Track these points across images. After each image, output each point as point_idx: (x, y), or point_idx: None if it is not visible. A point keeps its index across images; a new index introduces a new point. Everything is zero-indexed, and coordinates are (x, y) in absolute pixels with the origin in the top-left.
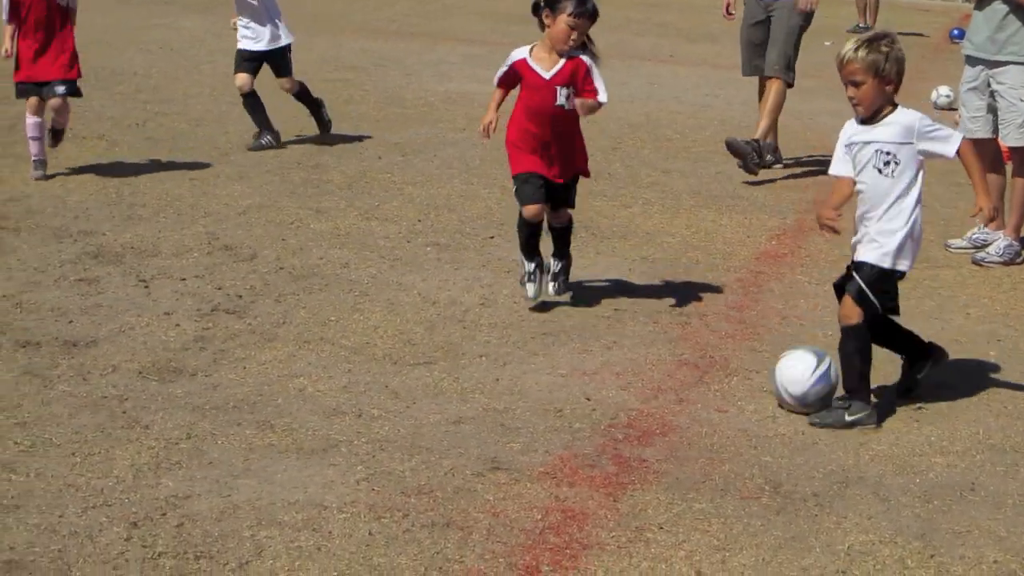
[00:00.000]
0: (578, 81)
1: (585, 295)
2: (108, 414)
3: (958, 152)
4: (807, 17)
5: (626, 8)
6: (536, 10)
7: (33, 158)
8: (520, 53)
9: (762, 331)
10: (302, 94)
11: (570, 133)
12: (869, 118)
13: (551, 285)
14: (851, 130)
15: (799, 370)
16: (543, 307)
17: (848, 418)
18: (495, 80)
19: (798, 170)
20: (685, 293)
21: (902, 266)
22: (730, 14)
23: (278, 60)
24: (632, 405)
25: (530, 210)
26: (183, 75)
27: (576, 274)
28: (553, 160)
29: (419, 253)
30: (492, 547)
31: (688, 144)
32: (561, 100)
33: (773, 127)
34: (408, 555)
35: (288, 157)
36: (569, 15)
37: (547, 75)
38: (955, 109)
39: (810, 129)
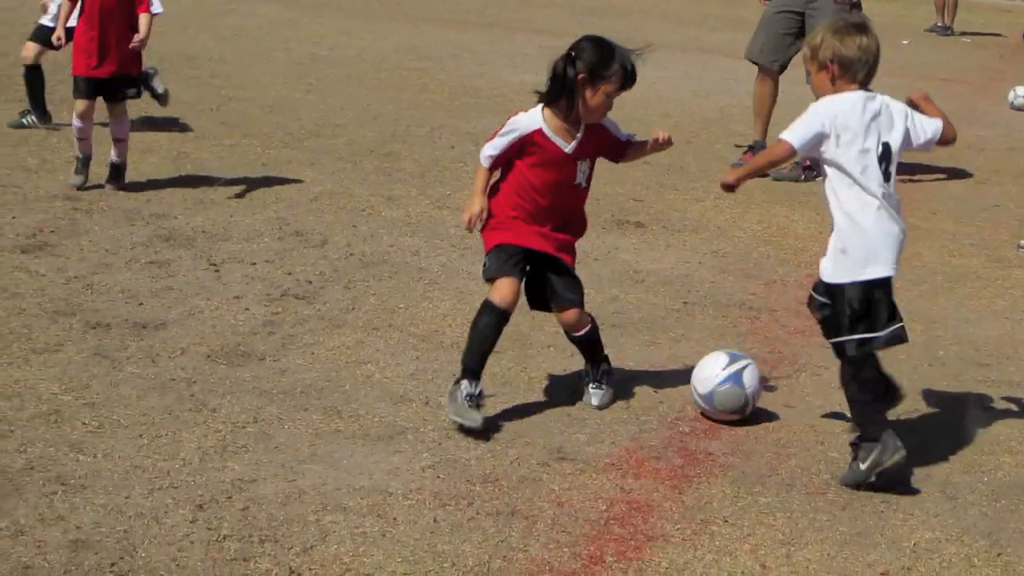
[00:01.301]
0: (605, 148)
1: (654, 288)
2: (176, 396)
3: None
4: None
5: (704, 4)
6: (561, 79)
7: (78, 154)
8: (533, 122)
9: None
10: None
11: (579, 210)
12: None
13: (594, 394)
14: None
15: (708, 368)
16: (613, 299)
17: (863, 467)
18: (487, 155)
19: None
20: (755, 288)
21: (827, 276)
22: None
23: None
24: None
25: (502, 288)
26: (257, 61)
27: (647, 267)
28: (548, 234)
29: None
30: (557, 537)
31: None
32: (580, 179)
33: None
34: (472, 543)
35: (360, 144)
36: (617, 88)
37: (568, 148)
38: None
39: None
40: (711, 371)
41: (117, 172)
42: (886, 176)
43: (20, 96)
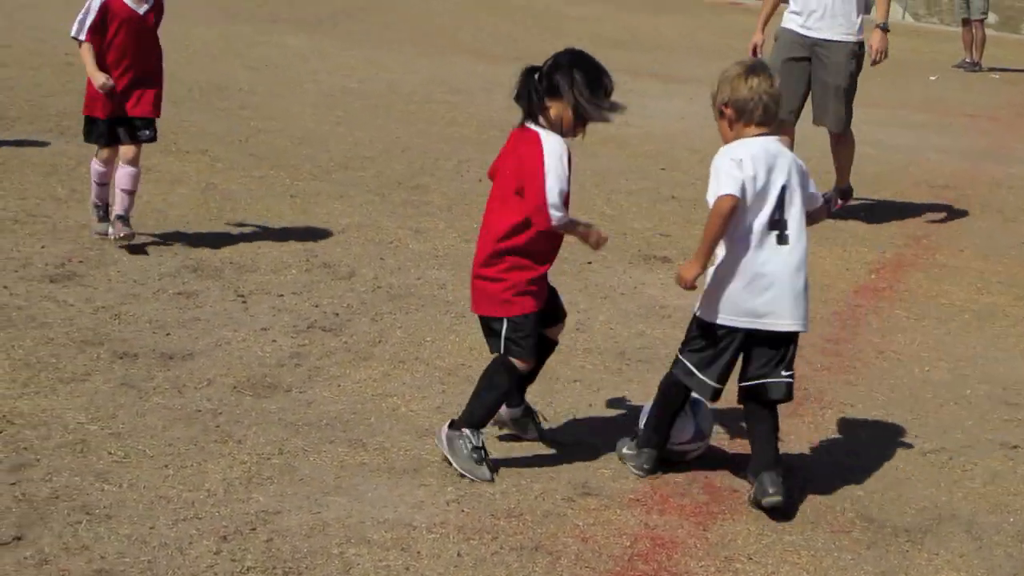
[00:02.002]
0: None
1: (681, 324)
2: (202, 427)
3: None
4: (860, 60)
5: (729, 37)
6: (570, 94)
7: (96, 201)
8: (565, 145)
9: (858, 365)
10: None
11: None
12: None
13: (542, 425)
14: None
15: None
16: (640, 334)
17: (625, 451)
18: (564, 202)
19: (899, 204)
20: None
21: (698, 310)
22: (757, 56)
23: None
24: (724, 434)
25: (527, 365)
26: (287, 92)
27: (673, 302)
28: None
29: None
30: (580, 572)
31: None
32: None
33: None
34: None
35: (389, 177)
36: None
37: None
38: None
39: (914, 163)
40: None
41: (125, 221)
42: (773, 224)
43: (52, 126)
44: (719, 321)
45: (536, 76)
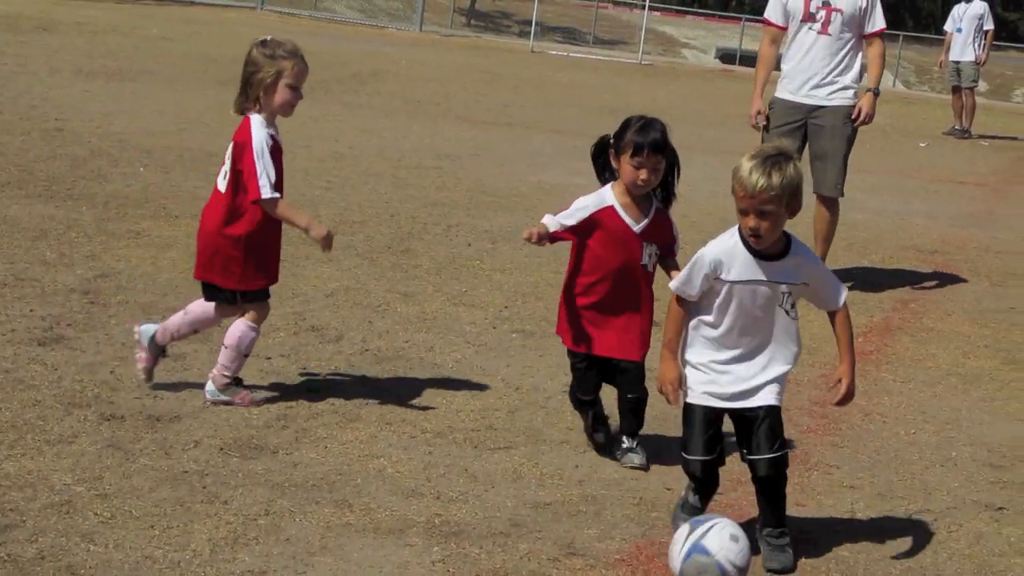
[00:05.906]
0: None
1: None
2: (188, 488)
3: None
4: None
5: (724, 104)
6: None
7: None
8: (606, 198)
9: (844, 427)
10: None
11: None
12: (768, 252)
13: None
14: (739, 262)
15: (673, 545)
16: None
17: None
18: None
19: (888, 268)
20: None
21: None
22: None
23: None
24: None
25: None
26: None
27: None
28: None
29: (504, 339)
30: None
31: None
32: (646, 259)
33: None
34: None
35: (378, 241)
36: (632, 154)
37: (636, 228)
38: None
39: (903, 228)
40: (674, 549)
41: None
42: None
43: (41, 191)
44: None
45: None
